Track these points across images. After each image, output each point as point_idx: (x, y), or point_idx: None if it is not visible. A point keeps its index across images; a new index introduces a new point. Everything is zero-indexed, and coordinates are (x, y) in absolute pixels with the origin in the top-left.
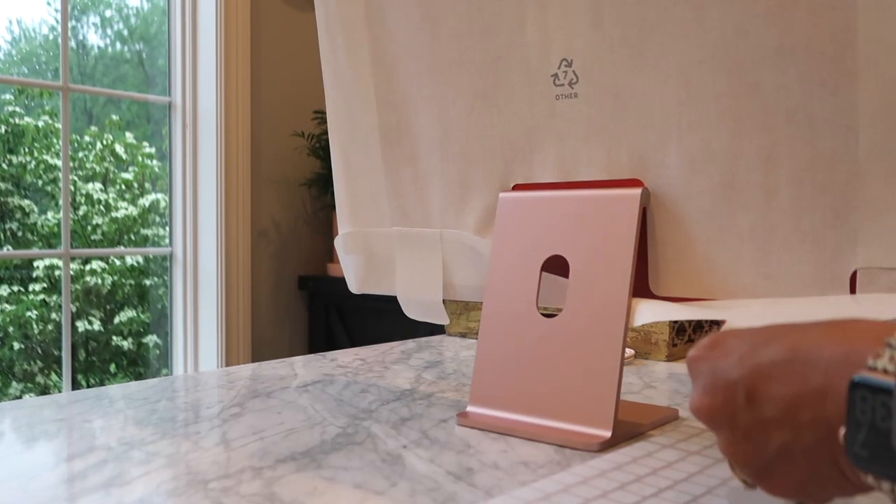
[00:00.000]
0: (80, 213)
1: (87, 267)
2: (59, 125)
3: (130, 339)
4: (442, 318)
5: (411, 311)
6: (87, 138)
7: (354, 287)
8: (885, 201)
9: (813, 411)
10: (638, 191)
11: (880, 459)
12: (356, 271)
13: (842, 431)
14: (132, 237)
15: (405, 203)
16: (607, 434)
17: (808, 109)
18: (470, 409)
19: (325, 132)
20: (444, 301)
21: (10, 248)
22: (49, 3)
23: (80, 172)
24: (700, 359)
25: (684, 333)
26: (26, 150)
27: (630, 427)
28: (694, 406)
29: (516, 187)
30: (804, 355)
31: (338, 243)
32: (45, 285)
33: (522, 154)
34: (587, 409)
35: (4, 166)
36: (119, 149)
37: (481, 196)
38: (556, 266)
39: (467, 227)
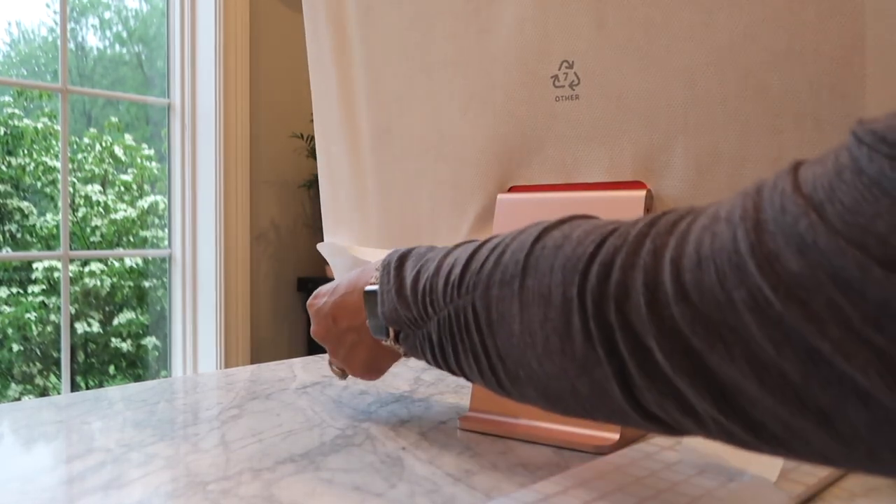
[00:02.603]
0: (80, 214)
1: (87, 269)
2: (58, 127)
3: (129, 341)
4: None
5: None
6: (86, 140)
7: None
8: None
9: (360, 318)
10: (642, 192)
11: (378, 332)
12: (346, 272)
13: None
14: (131, 239)
15: (395, 204)
16: (615, 437)
17: (816, 112)
18: (471, 412)
19: None
20: None
21: (8, 249)
22: (48, 5)
23: (79, 174)
24: (311, 305)
25: None
26: (25, 151)
27: (635, 429)
28: (313, 333)
29: (513, 189)
30: (354, 287)
31: (322, 249)
32: (44, 287)
33: (520, 155)
34: None
35: (3, 168)
36: (118, 150)
37: (477, 198)
38: None
39: (461, 228)
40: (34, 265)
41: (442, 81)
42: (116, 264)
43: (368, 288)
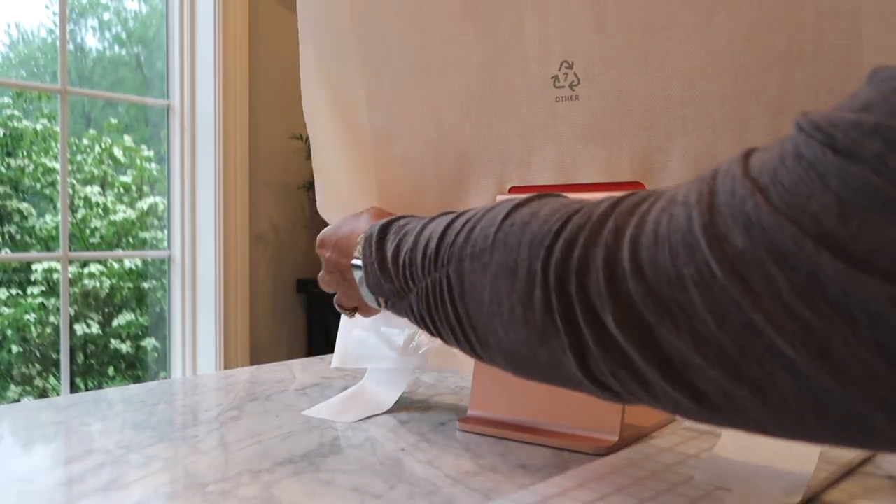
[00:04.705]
0: (79, 216)
1: (86, 270)
2: (57, 128)
3: (129, 343)
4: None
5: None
6: (85, 141)
7: None
8: None
9: (345, 262)
10: None
11: (370, 301)
12: None
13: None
14: (130, 240)
15: (396, 206)
16: (614, 438)
17: None
18: (471, 412)
19: None
20: None
21: (8, 251)
22: (47, 7)
23: (78, 175)
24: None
25: None
26: (25, 153)
27: (634, 430)
28: (320, 278)
29: (513, 189)
30: (354, 234)
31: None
32: (43, 288)
33: (520, 156)
34: (592, 413)
35: (3, 169)
36: (117, 152)
37: (477, 198)
38: None
39: None
40: (33, 266)
41: (442, 82)
42: (116, 265)
43: (354, 262)
